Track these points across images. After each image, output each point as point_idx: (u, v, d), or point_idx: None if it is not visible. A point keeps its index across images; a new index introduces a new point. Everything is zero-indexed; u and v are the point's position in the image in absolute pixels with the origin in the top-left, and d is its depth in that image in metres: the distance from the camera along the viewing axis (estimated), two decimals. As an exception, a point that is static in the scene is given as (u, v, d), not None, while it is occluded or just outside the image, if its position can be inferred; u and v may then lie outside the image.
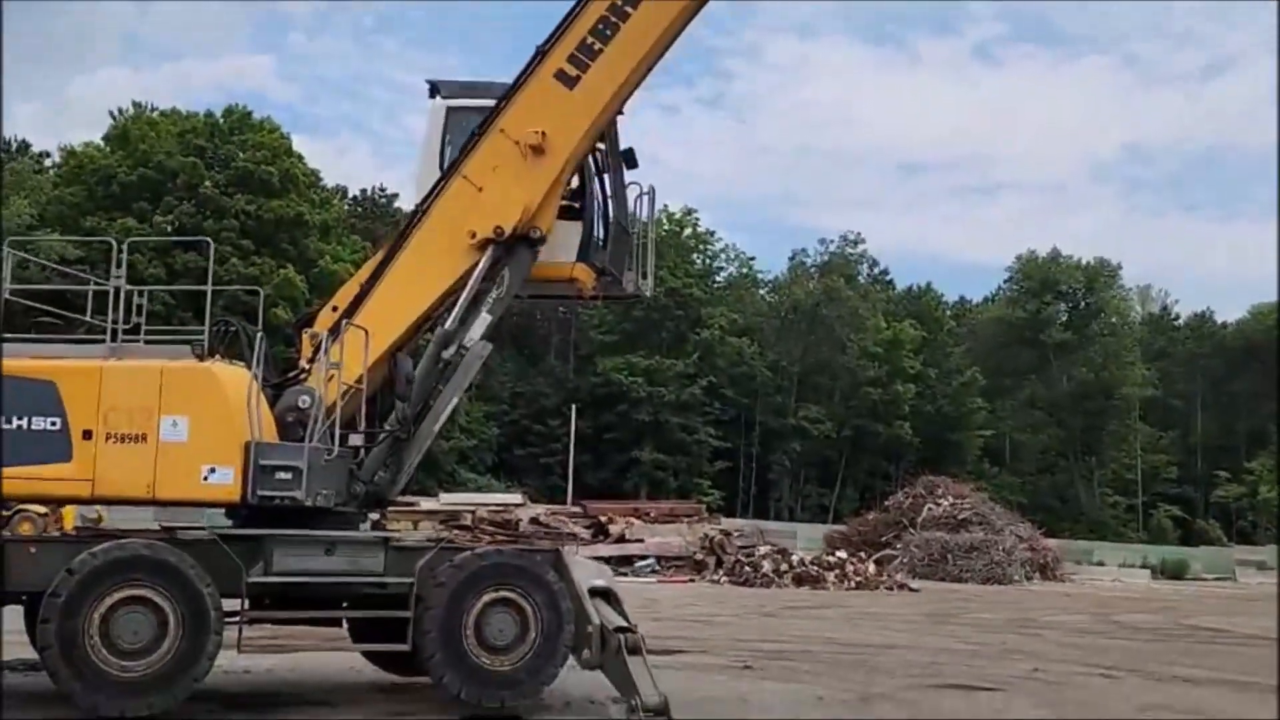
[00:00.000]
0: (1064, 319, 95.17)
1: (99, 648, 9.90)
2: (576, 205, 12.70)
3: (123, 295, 11.81)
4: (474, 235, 12.08)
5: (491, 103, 12.44)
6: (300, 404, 11.32)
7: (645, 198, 13.19)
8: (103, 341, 11.42)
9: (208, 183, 63.84)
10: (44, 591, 10.04)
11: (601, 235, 12.75)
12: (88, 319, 12.02)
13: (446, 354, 12.05)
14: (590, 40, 12.05)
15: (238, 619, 10.74)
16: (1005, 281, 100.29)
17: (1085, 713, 12.79)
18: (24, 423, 10.63)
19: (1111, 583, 49.47)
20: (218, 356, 11.29)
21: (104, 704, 9.87)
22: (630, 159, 13.06)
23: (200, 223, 62.92)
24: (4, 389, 10.59)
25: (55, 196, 65.06)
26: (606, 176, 12.93)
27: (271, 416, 11.23)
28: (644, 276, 13.36)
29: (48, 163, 74.79)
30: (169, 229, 61.34)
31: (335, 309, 12.37)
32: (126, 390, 10.72)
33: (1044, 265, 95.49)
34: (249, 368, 11.21)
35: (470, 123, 12.54)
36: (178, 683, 10.11)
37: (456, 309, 12.11)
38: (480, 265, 12.08)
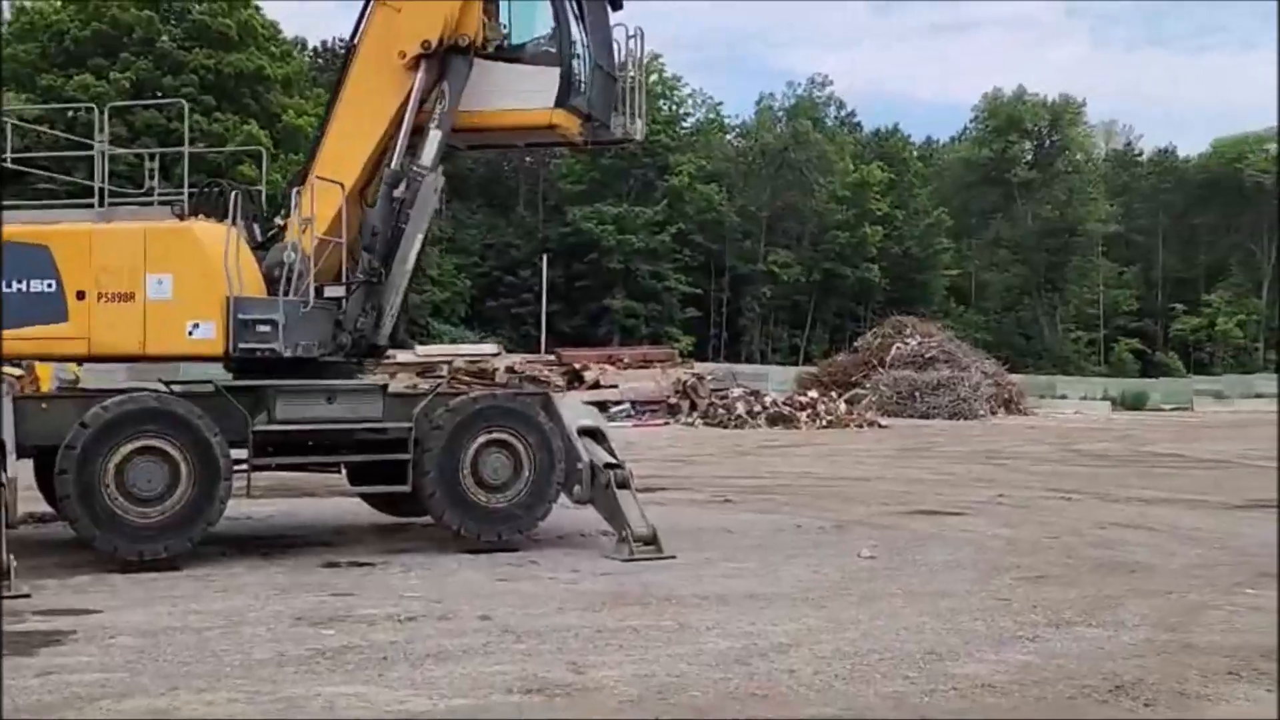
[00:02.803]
0: (1029, 157, 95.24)
1: (115, 496, 10.38)
2: (553, 50, 12.68)
3: (106, 159, 12.06)
4: (404, 55, 12.19)
5: None
6: (285, 259, 11.57)
7: (634, 39, 13.18)
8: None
9: (164, 37, 62.50)
10: (55, 446, 10.47)
11: (583, 80, 12.75)
12: (89, 182, 12.24)
13: (398, 192, 12.13)
14: None
15: (244, 467, 11.25)
16: (971, 121, 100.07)
17: (1045, 531, 13.59)
18: (22, 286, 11.03)
19: (1074, 415, 50.84)
20: (199, 216, 11.57)
21: (123, 547, 10.40)
22: (614, 1, 13.05)
23: (159, 79, 61.82)
24: (1, 255, 10.92)
25: (9, 55, 63.52)
26: (585, 20, 12.90)
27: (259, 273, 11.55)
28: (634, 119, 13.35)
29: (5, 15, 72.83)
30: (127, 85, 60.24)
31: None
32: (114, 252, 11.11)
33: (1009, 104, 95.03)
34: (240, 227, 11.50)
35: None
36: (191, 526, 10.65)
37: (400, 141, 12.18)
38: (416, 83, 12.17)
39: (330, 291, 11.93)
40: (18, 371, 35.48)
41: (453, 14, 12.17)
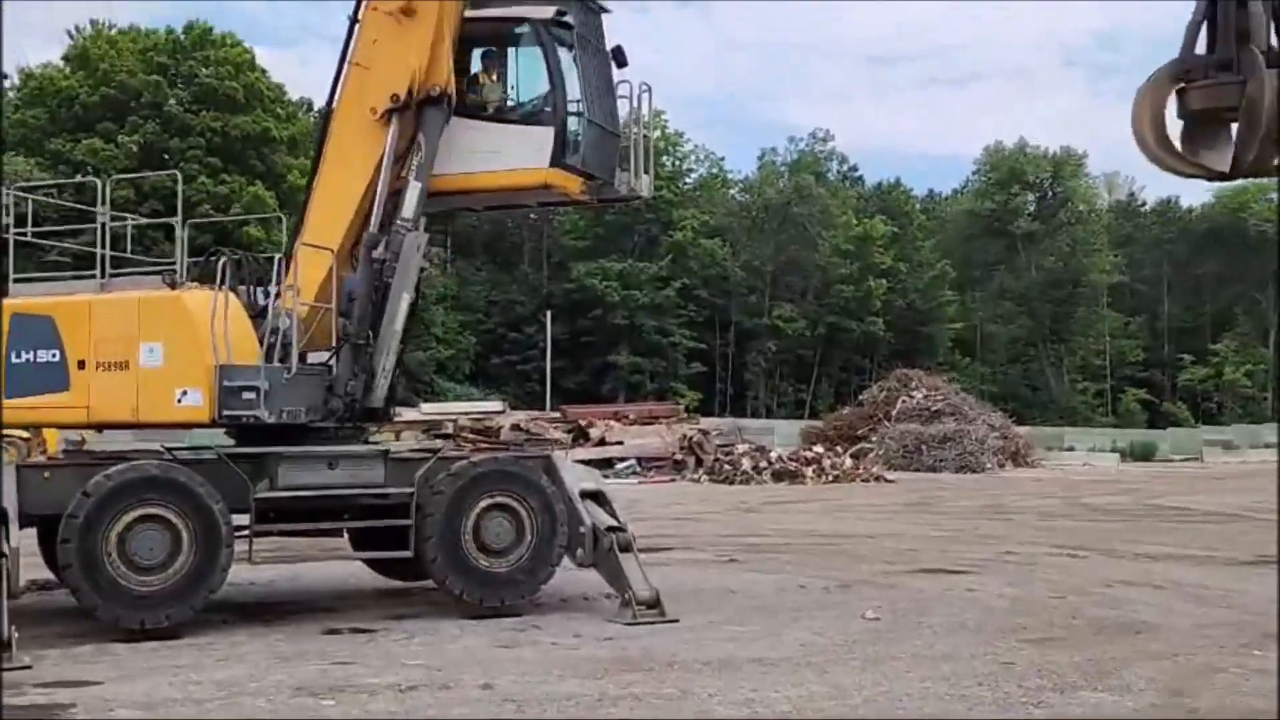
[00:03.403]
0: (1031, 209, 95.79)
1: (118, 564, 10.34)
2: (548, 110, 12.60)
3: (107, 230, 12.23)
4: (374, 111, 12.22)
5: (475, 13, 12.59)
6: (279, 325, 11.58)
7: (642, 96, 13.11)
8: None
9: (172, 101, 63.20)
10: (58, 514, 10.46)
11: (580, 138, 12.63)
12: (94, 250, 12.39)
13: (378, 253, 12.06)
14: None
15: (245, 533, 11.23)
16: (973, 174, 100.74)
17: (1050, 590, 13.51)
18: (30, 356, 11.28)
19: (1081, 467, 50.65)
20: (189, 283, 11.67)
21: (125, 616, 10.36)
22: (619, 57, 12.96)
23: (166, 142, 62.49)
24: (11, 326, 11.13)
25: (18, 120, 64.24)
26: (584, 77, 12.72)
27: (254, 339, 11.49)
28: (640, 175, 13.21)
29: (6, 84, 73.75)
30: (135, 149, 60.87)
31: None
32: (111, 321, 11.32)
33: (1011, 156, 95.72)
34: (241, 293, 11.60)
35: None
36: (193, 594, 10.61)
37: (378, 199, 12.13)
38: (389, 138, 12.14)
39: (314, 357, 11.84)
40: (25, 434, 35.65)
41: (420, 66, 12.18)
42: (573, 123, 12.59)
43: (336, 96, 12.61)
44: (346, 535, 12.88)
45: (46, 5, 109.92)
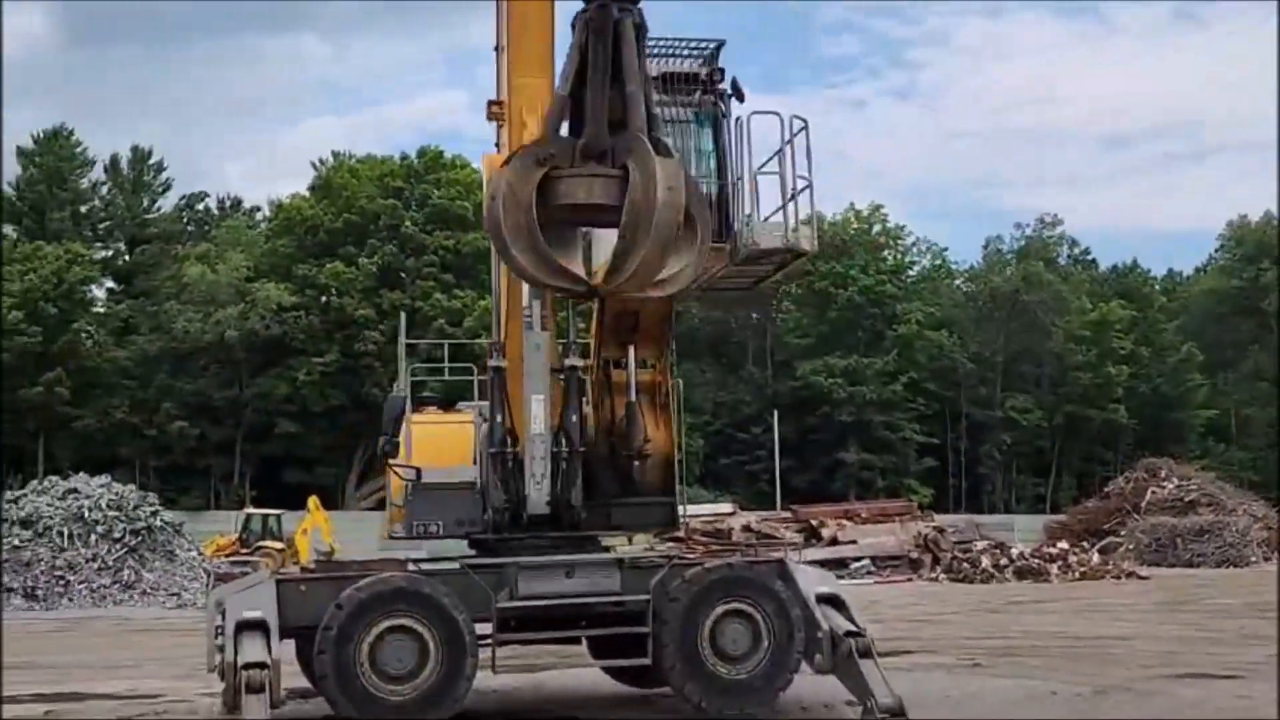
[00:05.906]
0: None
1: (369, 674, 10.72)
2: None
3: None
4: None
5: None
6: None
7: (790, 130, 11.70)
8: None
9: (407, 223, 66.64)
10: (314, 625, 10.91)
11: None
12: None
13: (493, 361, 11.95)
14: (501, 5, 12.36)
15: (488, 642, 11.48)
16: (1217, 250, 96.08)
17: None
18: None
19: (1359, 558, 46.88)
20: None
21: (374, 727, 10.72)
22: (737, 92, 12.02)
23: (402, 261, 65.79)
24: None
25: (268, 249, 68.94)
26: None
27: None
28: (795, 226, 11.87)
29: (259, 216, 79.32)
30: (374, 270, 64.31)
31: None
32: None
33: (1258, 230, 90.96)
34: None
35: None
36: (442, 703, 10.87)
37: (492, 307, 12.50)
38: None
39: (428, 476, 12.02)
40: (279, 545, 37.71)
41: (497, 161, 11.93)
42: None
43: None
44: (586, 643, 13.04)
45: (295, 138, 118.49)
